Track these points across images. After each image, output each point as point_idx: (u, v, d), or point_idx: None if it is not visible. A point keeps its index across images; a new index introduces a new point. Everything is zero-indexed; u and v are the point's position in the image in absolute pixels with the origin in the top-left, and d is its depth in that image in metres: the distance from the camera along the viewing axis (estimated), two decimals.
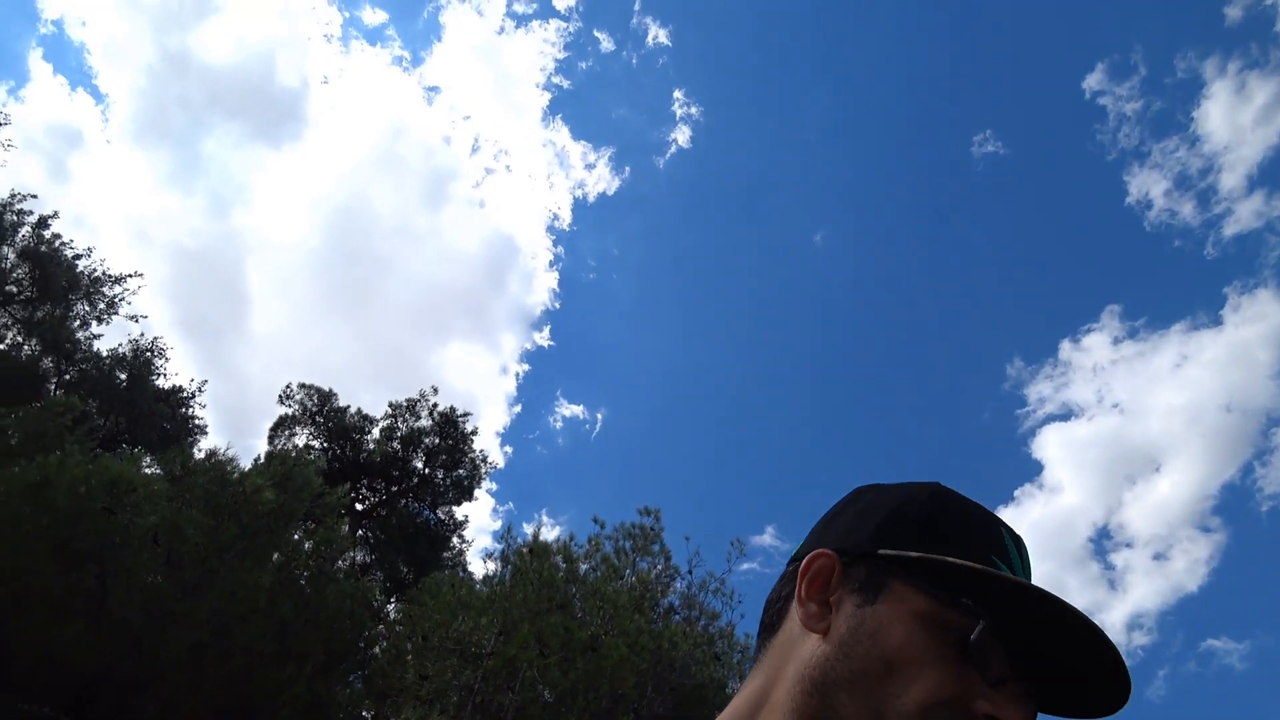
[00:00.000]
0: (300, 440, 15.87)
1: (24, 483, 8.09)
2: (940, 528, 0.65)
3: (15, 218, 12.71)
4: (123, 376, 13.31)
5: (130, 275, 14.69)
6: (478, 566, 16.26)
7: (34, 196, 13.66)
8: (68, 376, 12.72)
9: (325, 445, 16.21)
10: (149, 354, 13.93)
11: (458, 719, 8.72)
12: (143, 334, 15.28)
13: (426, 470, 17.08)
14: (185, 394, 14.88)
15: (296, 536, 11.64)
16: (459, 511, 16.78)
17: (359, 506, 15.76)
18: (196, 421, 14.90)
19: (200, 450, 11.67)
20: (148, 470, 9.97)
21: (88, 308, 13.46)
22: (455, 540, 16.15)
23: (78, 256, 13.83)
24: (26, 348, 12.67)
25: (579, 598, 12.28)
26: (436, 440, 17.31)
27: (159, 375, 14.17)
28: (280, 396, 16.88)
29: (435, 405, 17.51)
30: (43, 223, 13.30)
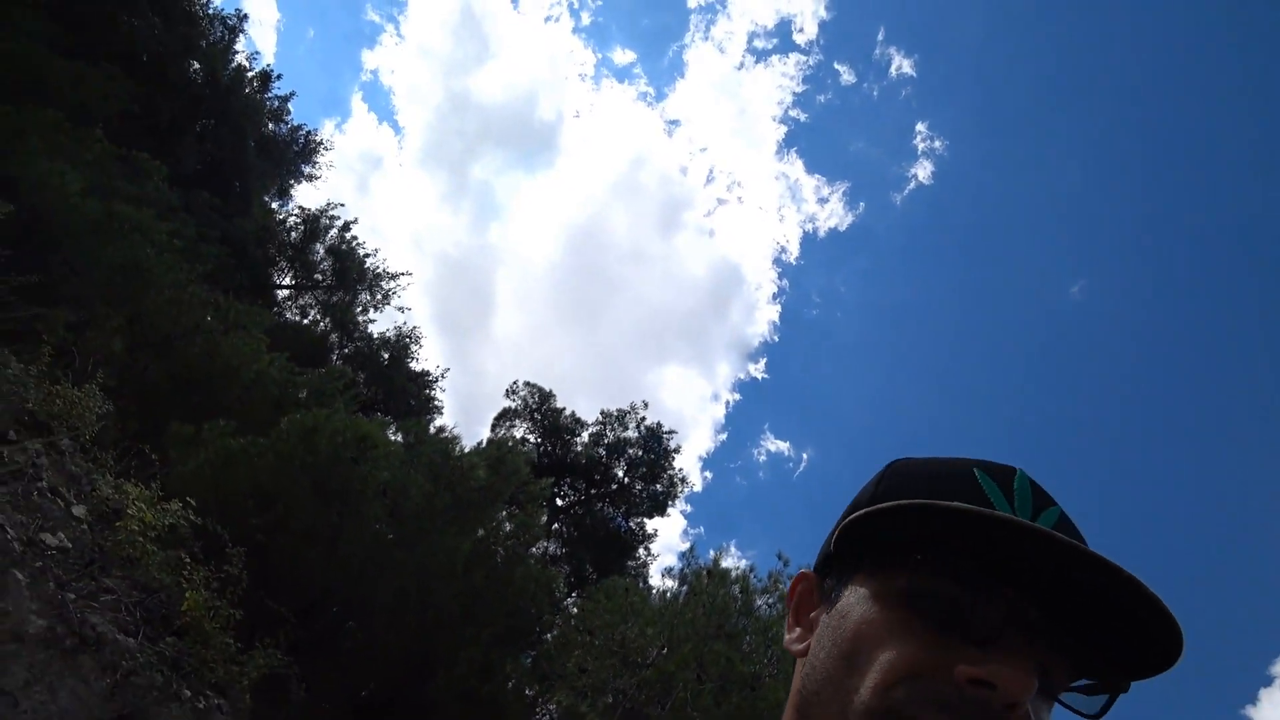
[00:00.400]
0: (518, 432, 17.53)
1: (302, 428, 9.86)
2: (888, 500, 0.59)
3: (328, 221, 16.27)
4: (386, 356, 16.05)
5: (403, 274, 17.62)
6: (657, 581, 16.53)
7: (342, 205, 17.19)
8: (346, 350, 15.73)
9: (538, 440, 17.70)
10: (408, 340, 16.67)
11: (606, 717, 8.85)
12: (405, 323, 18.27)
13: (626, 479, 17.82)
14: (431, 378, 17.44)
15: (500, 516, 12.81)
16: (650, 524, 17.27)
17: (559, 501, 16.92)
18: (435, 402, 17.33)
19: (433, 426, 13.39)
20: (390, 435, 11.71)
21: (369, 297, 16.61)
22: (642, 551, 16.63)
23: (367, 255, 17.07)
24: (321, 325, 16.01)
25: (749, 632, 11.88)
26: (640, 452, 18.02)
27: (413, 359, 16.87)
28: (507, 391, 18.81)
29: (644, 419, 18.27)
30: (346, 227, 16.80)
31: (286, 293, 16.59)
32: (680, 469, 17.70)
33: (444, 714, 8.21)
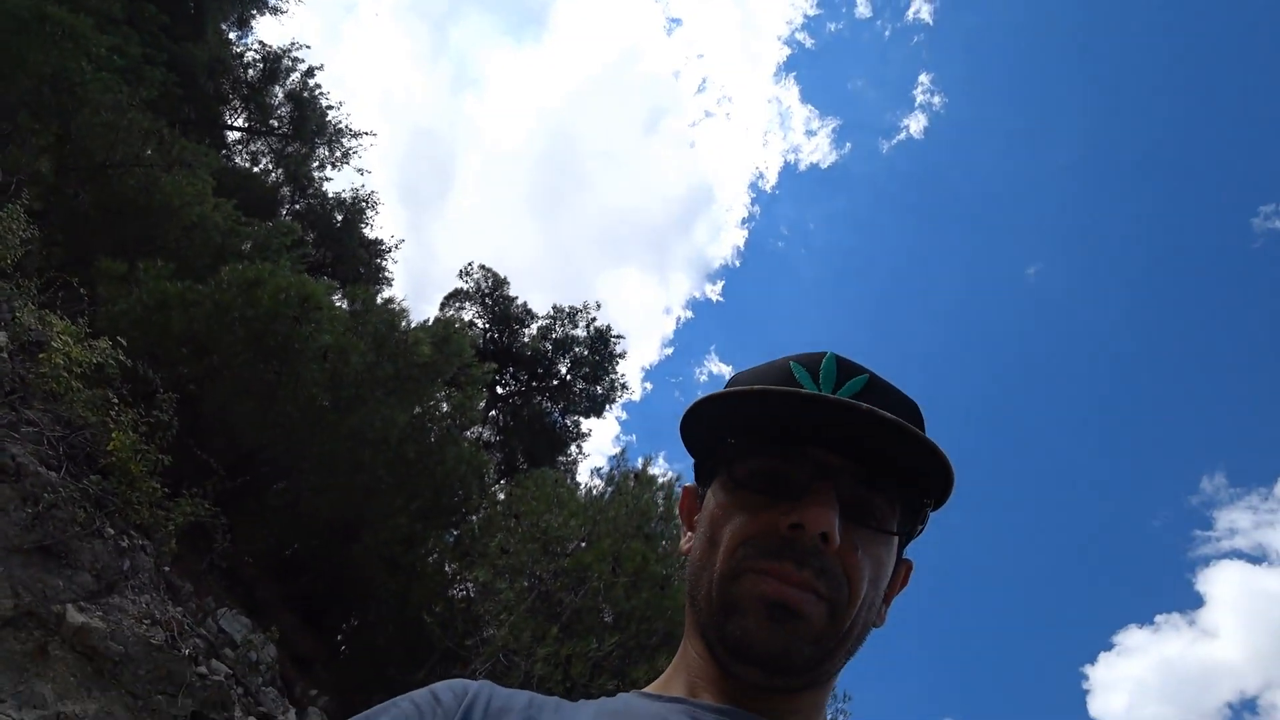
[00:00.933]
0: (466, 315, 17.33)
1: (244, 279, 9.50)
2: (735, 415, 0.71)
3: (290, 63, 14.94)
4: (339, 218, 15.31)
5: (366, 133, 16.61)
6: (585, 478, 17.08)
7: (307, 48, 15.82)
8: (297, 206, 14.91)
9: (486, 326, 17.57)
10: (364, 204, 15.87)
11: (521, 598, 9.29)
12: (363, 186, 17.36)
13: (569, 377, 17.99)
14: (384, 247, 16.84)
15: (439, 395, 12.84)
16: (585, 424, 17.63)
17: (499, 389, 17.03)
18: (386, 273, 16.83)
19: (381, 297, 13.10)
20: (337, 299, 11.41)
21: (327, 153, 15.59)
22: (574, 449, 17.04)
23: (330, 107, 15.91)
24: (273, 175, 15.03)
25: (666, 537, 12.47)
26: (586, 352, 18.12)
27: (367, 225, 16.16)
28: (461, 271, 18.43)
29: (594, 320, 18.27)
30: (310, 72, 15.48)
31: (237, 136, 15.43)
32: (623, 374, 17.94)
33: (365, 577, 8.50)
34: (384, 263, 16.90)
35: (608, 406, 17.81)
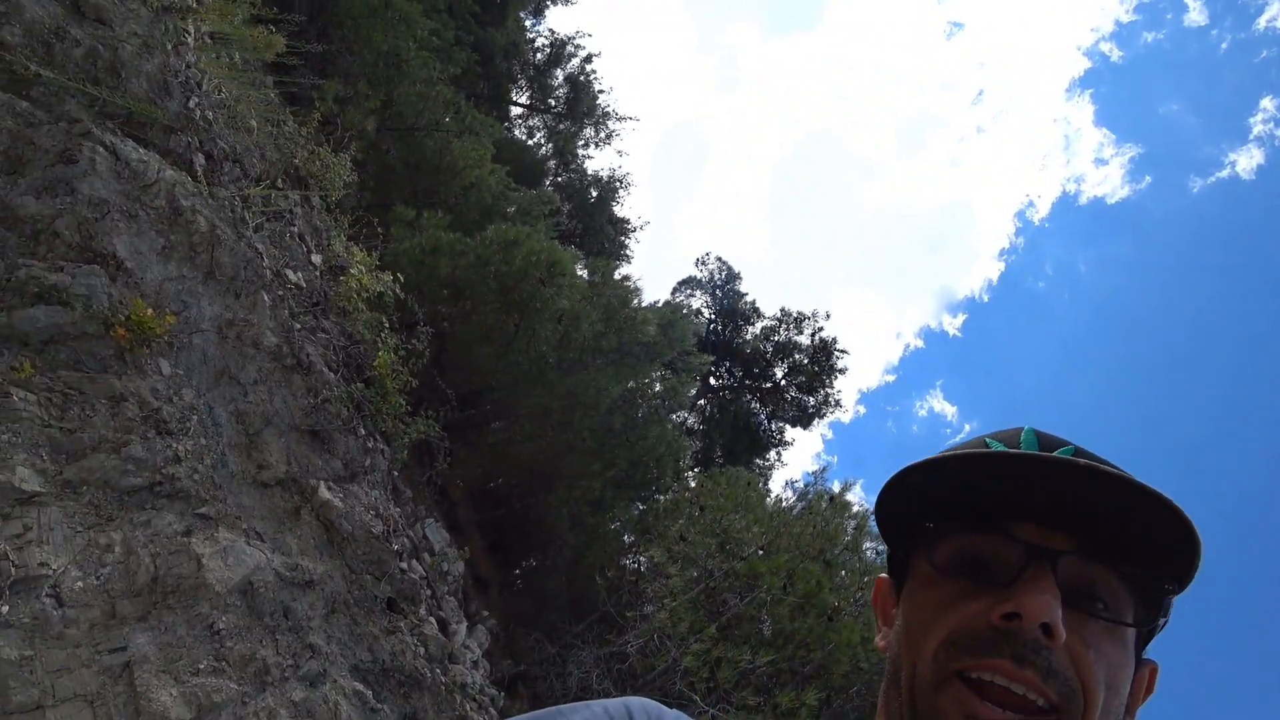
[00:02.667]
0: (695, 303, 17.78)
1: (504, 238, 10.65)
2: (929, 491, 0.63)
3: (573, 49, 16.43)
4: (594, 194, 16.54)
5: (630, 118, 17.66)
6: (778, 488, 16.74)
7: (589, 35, 17.17)
8: (559, 179, 16.39)
9: (711, 317, 17.87)
10: (618, 184, 16.96)
11: (688, 587, 9.41)
12: (620, 166, 18.53)
13: (783, 382, 17.71)
14: (630, 225, 17.84)
15: (654, 375, 13.37)
16: (790, 433, 17.25)
17: (712, 381, 17.28)
18: (627, 250, 17.82)
19: (619, 273, 13.91)
20: (579, 269, 12.37)
21: (593, 132, 16.88)
22: (773, 454, 16.79)
23: (601, 92, 17.19)
24: (543, 149, 16.66)
25: (847, 568, 11.85)
26: (805, 360, 17.69)
27: (618, 203, 17.24)
28: (697, 260, 18.92)
29: (820, 330, 17.75)
30: (589, 58, 16.88)
31: (519, 110, 17.31)
32: (838, 391, 17.24)
33: (551, 525, 9.19)
34: (627, 241, 17.98)
35: (816, 420, 17.27)
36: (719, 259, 18.33)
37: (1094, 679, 0.55)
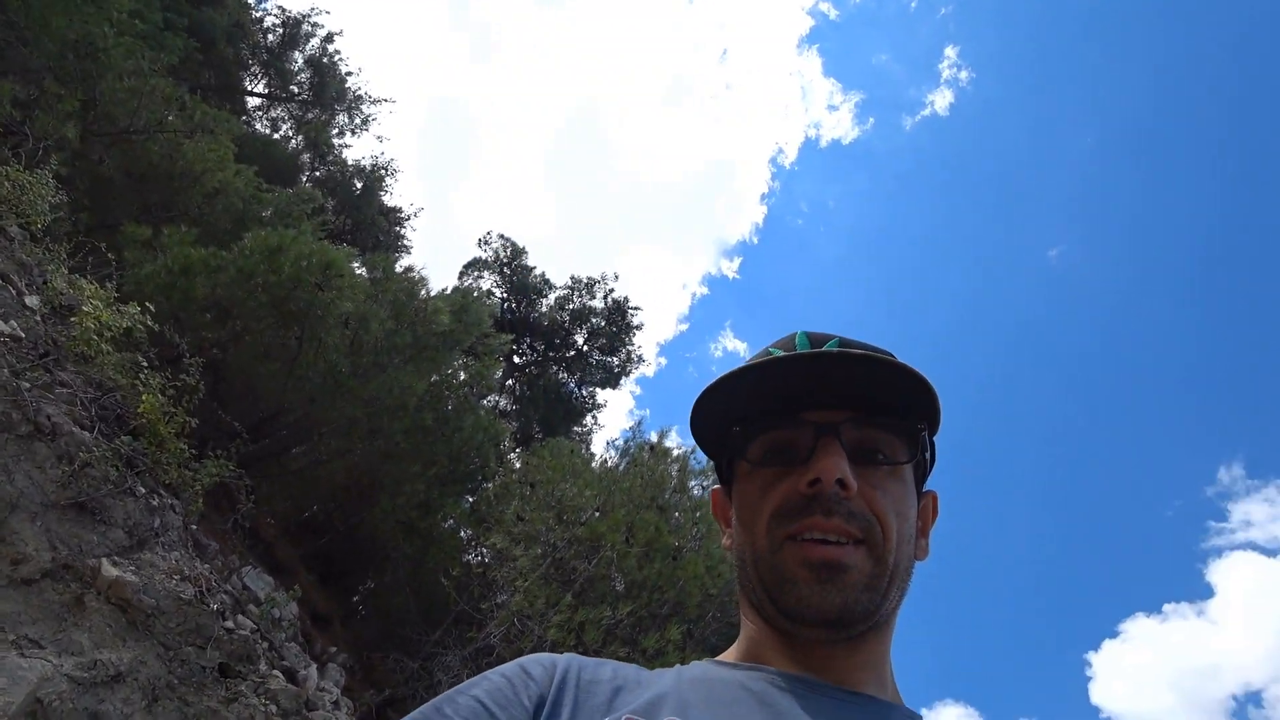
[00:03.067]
0: (485, 284, 17.38)
1: (266, 245, 9.59)
2: (731, 403, 0.75)
3: (309, 28, 14.89)
4: (358, 185, 15.32)
5: (384, 100, 16.55)
6: (600, 450, 17.23)
7: (328, 13, 15.67)
8: (317, 173, 14.96)
9: (504, 296, 17.62)
10: (383, 172, 15.87)
11: (536, 564, 9.45)
12: (382, 153, 17.34)
13: (585, 348, 18.05)
14: (403, 215, 16.86)
15: (457, 364, 12.96)
16: (601, 395, 17.70)
17: (516, 359, 17.15)
18: (405, 241, 16.88)
19: (401, 265, 13.17)
20: (356, 267, 11.51)
21: (346, 119, 15.57)
22: (589, 419, 17.15)
23: (349, 74, 15.85)
24: (293, 142, 15.05)
25: (680, 509, 12.57)
26: (602, 323, 18.13)
27: (386, 192, 16.16)
28: (479, 240, 18.41)
29: (611, 291, 18.23)
30: (329, 38, 15.41)
31: (257, 102, 15.42)
32: (639, 346, 17.95)
33: (382, 540, 8.69)
34: (403, 230, 16.97)
35: (624, 378, 17.89)
36: (502, 236, 18.04)
37: (886, 511, 0.68)
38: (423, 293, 12.41)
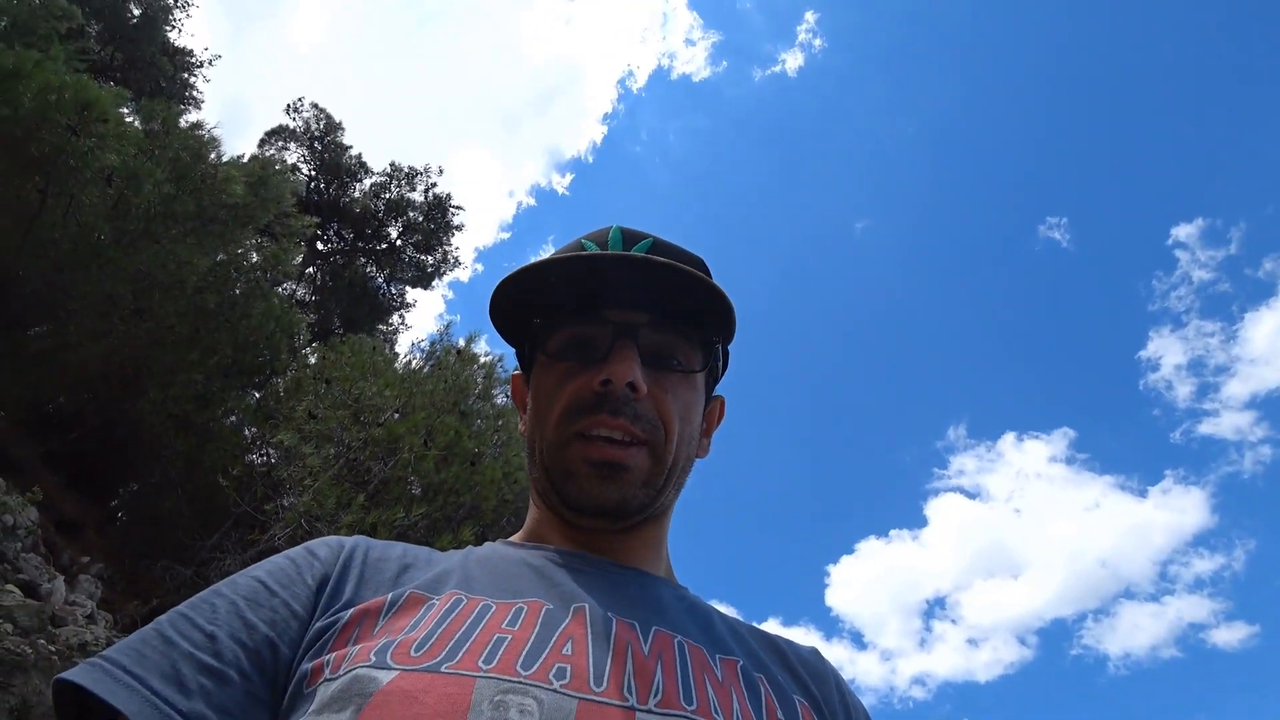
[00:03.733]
0: (290, 158, 15.51)
1: None
2: (537, 293, 0.75)
3: None
4: (136, 12, 12.55)
5: None
6: (404, 351, 16.61)
7: None
8: None
9: (312, 174, 15.90)
10: (170, 1, 13.14)
11: (328, 464, 9.16)
12: None
13: (399, 242, 16.98)
14: (194, 60, 14.20)
15: (249, 243, 11.67)
16: (411, 294, 16.89)
17: (320, 246, 15.74)
18: (195, 92, 14.34)
19: (187, 120, 11.35)
20: (126, 114, 9.74)
21: None
22: (396, 318, 16.35)
23: None
24: None
25: (482, 416, 12.67)
26: (420, 218, 17.09)
27: (173, 27, 13.42)
28: (288, 106, 16.30)
29: (434, 186, 17.14)
30: None
31: None
32: (456, 248, 17.21)
33: (149, 437, 7.87)
34: (192, 79, 14.36)
35: (437, 279, 17.16)
36: (316, 106, 16.06)
37: (671, 414, 0.71)
38: (213, 155, 10.87)
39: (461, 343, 13.17)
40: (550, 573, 0.66)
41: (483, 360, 12.41)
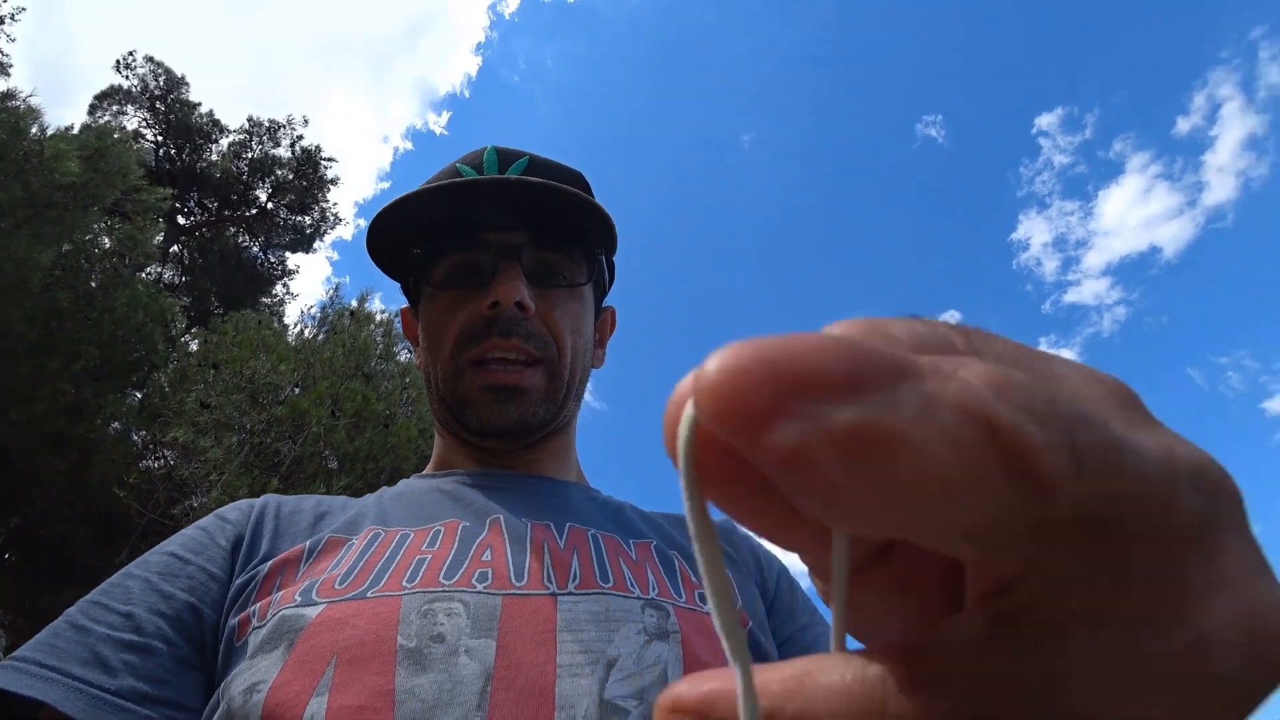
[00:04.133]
0: (130, 123, 13.94)
1: None
2: (413, 223, 0.74)
3: None
4: None
5: None
6: (295, 320, 15.81)
7: None
8: None
9: (160, 139, 14.41)
10: None
11: (232, 454, 8.89)
12: None
13: (270, 205, 15.83)
14: None
15: (97, 227, 10.66)
16: (292, 260, 15.89)
17: (181, 220, 14.47)
18: (1, 55, 12.50)
19: None
20: None
21: None
22: (280, 288, 15.39)
23: None
24: None
25: (388, 375, 12.44)
26: (290, 176, 15.92)
27: None
28: (118, 63, 14.51)
29: (300, 138, 15.90)
30: None
31: None
32: (334, 204, 16.21)
33: (21, 462, 7.34)
34: None
35: (318, 240, 16.19)
36: (151, 60, 14.33)
37: (562, 330, 0.71)
38: (35, 130, 9.70)
39: (354, 303, 12.68)
40: (462, 494, 0.68)
41: (380, 318, 12.02)
